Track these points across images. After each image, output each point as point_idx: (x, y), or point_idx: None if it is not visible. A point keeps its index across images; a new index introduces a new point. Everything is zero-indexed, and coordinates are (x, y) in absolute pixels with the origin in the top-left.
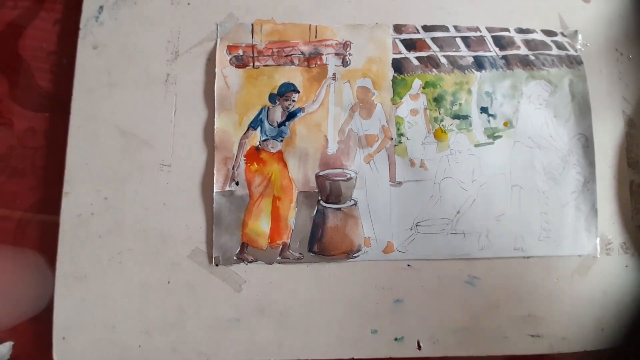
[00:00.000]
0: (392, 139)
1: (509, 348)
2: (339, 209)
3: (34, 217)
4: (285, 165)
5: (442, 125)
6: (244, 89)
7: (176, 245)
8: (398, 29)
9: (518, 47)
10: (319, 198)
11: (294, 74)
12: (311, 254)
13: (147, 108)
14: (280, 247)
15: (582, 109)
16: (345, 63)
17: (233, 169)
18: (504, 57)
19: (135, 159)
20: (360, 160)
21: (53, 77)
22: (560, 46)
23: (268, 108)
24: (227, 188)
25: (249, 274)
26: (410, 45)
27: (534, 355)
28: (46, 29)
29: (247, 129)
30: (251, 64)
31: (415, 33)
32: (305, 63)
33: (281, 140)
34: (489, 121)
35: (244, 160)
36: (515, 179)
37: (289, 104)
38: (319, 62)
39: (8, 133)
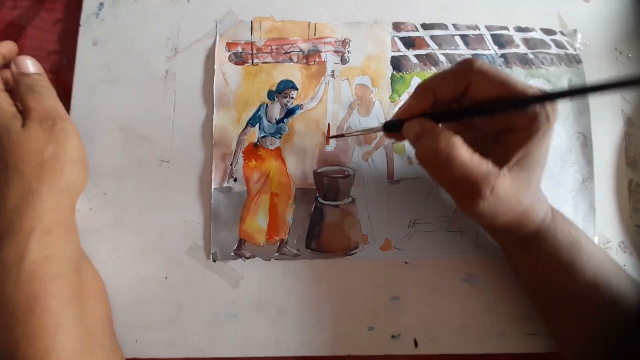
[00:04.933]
0: None
1: (506, 346)
2: (337, 206)
3: None
4: (283, 162)
5: None
6: (242, 86)
7: (174, 241)
8: (397, 26)
9: (517, 46)
10: (317, 195)
11: (293, 71)
12: (308, 250)
13: (146, 104)
14: (278, 243)
15: (581, 108)
16: (344, 61)
17: (231, 165)
18: (503, 56)
19: (134, 154)
20: (358, 157)
21: (53, 77)
22: (559, 45)
23: (267, 105)
24: (225, 184)
25: (247, 270)
26: (409, 43)
27: (531, 353)
28: (46, 29)
29: (246, 126)
30: (250, 61)
31: (414, 31)
32: (304, 60)
33: (279, 137)
34: None
35: (242, 156)
36: None
37: (288, 101)
38: (317, 60)
39: None
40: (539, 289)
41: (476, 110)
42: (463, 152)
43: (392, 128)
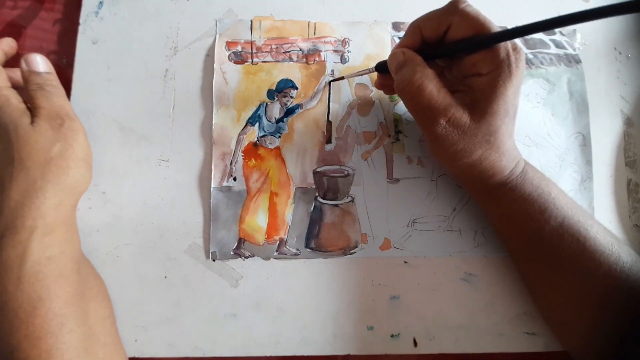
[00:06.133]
0: (389, 136)
1: (505, 345)
2: (336, 205)
3: None
4: (283, 161)
5: None
6: (242, 85)
7: (173, 240)
8: (396, 26)
9: None
10: (316, 194)
11: (293, 71)
12: (308, 250)
13: (145, 103)
14: (277, 242)
15: (580, 108)
16: (343, 60)
17: (231, 164)
18: None
19: (133, 153)
20: (357, 157)
21: None
22: (558, 45)
23: (266, 104)
24: (225, 183)
25: (246, 270)
26: None
27: (529, 352)
28: (46, 29)
29: (245, 125)
30: (250, 60)
31: None
32: (304, 60)
33: (279, 137)
34: None
35: (242, 155)
36: None
37: (287, 100)
38: (317, 59)
39: None
40: (509, 235)
41: (452, 48)
42: (433, 85)
43: (383, 69)
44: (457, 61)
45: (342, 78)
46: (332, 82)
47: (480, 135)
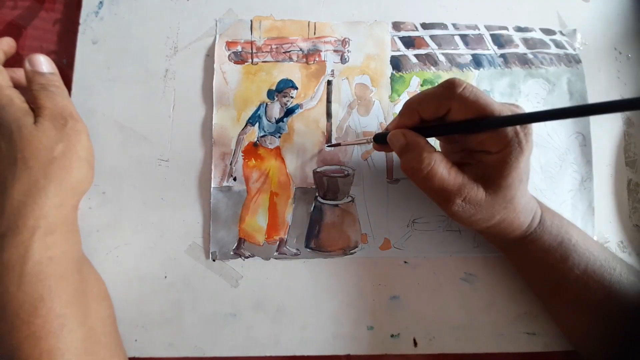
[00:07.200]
0: None
1: (505, 345)
2: (336, 205)
3: None
4: (283, 161)
5: None
6: (242, 85)
7: (173, 240)
8: (397, 26)
9: (516, 46)
10: (316, 194)
11: (293, 71)
12: (308, 250)
13: (145, 103)
14: (277, 242)
15: None
16: (343, 60)
17: (231, 164)
18: (502, 56)
19: (133, 153)
20: (357, 157)
21: None
22: (558, 45)
23: (266, 104)
24: (225, 183)
25: (246, 270)
26: (409, 42)
27: (529, 352)
28: (46, 29)
29: (245, 125)
30: (250, 60)
31: (413, 30)
32: (304, 59)
33: (279, 137)
34: None
35: (242, 155)
36: None
37: (287, 101)
38: (317, 59)
39: None
40: (533, 280)
41: (454, 129)
42: (442, 169)
43: (382, 140)
44: (462, 135)
45: (338, 144)
46: (331, 82)
47: (497, 205)
